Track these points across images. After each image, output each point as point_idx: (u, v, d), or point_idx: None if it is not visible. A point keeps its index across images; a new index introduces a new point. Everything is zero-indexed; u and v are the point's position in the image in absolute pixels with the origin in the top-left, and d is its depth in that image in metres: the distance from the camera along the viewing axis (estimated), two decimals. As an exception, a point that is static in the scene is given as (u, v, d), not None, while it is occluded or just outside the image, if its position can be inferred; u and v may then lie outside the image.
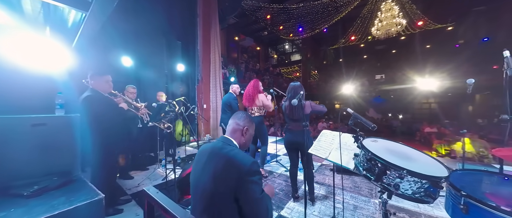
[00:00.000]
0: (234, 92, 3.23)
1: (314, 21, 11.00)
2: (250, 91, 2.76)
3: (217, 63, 5.85)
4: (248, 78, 8.83)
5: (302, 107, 1.93)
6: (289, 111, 2.05)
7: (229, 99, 3.13)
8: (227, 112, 3.14)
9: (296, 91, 2.01)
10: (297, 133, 2.01)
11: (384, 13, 8.06)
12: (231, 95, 3.16)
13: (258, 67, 12.18)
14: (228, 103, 3.11)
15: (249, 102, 2.75)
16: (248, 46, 13.00)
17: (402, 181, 0.82)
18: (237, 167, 0.84)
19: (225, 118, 3.16)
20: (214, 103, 5.88)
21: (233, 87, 3.25)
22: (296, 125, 2.02)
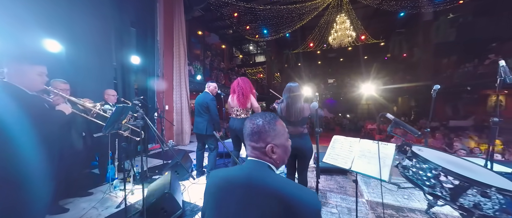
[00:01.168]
0: (211, 92, 2.80)
1: (279, 25, 11.39)
2: (244, 91, 2.41)
3: (182, 58, 5.12)
4: (215, 77, 8.23)
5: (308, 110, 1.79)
6: (287, 113, 1.86)
7: (205, 100, 2.68)
8: (203, 115, 2.69)
9: (294, 92, 1.83)
10: (296, 138, 1.83)
11: (339, 25, 9.09)
12: (207, 95, 2.73)
13: (222, 66, 11.61)
14: (205, 104, 2.67)
15: (242, 104, 2.41)
16: (212, 43, 12.27)
17: (487, 200, 0.72)
18: (300, 214, 0.55)
19: (201, 121, 2.70)
20: (178, 104, 5.11)
21: (210, 86, 2.81)
22: (295, 129, 1.85)
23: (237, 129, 2.42)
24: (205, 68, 7.58)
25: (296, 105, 1.81)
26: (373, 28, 12.57)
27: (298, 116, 1.80)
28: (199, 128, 2.68)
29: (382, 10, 10.21)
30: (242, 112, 2.44)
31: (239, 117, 2.45)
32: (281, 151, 0.70)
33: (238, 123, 2.42)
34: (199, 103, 2.71)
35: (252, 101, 2.41)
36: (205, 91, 2.80)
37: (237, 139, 2.55)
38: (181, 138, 5.10)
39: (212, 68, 8.61)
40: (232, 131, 2.51)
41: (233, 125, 2.47)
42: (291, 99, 1.83)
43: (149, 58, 4.56)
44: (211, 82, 2.85)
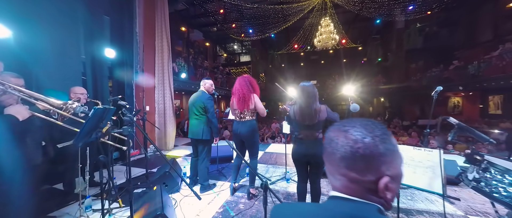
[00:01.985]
0: (208, 90, 2.49)
1: (264, 25, 11.31)
2: (244, 90, 2.15)
3: (165, 53, 4.62)
4: (200, 75, 7.74)
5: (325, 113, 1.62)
6: (301, 116, 1.68)
7: (202, 99, 2.37)
8: (199, 117, 2.38)
9: (309, 92, 1.65)
10: (310, 144, 1.67)
11: (324, 28, 9.35)
12: (204, 95, 2.42)
13: (206, 64, 11.08)
14: (201, 105, 2.35)
15: (242, 104, 2.15)
16: (195, 40, 11.63)
17: None
18: None
19: (196, 124, 2.37)
20: (160, 105, 4.60)
21: (206, 84, 2.50)
22: (309, 134, 1.67)
23: (243, 133, 2.16)
24: (189, 66, 7.06)
25: (312, 107, 1.63)
26: (352, 33, 13.29)
27: (314, 118, 1.63)
28: (194, 132, 2.35)
29: (361, 16, 10.85)
30: (247, 113, 2.18)
31: (243, 119, 2.19)
32: (397, 186, 0.42)
33: (243, 127, 2.17)
34: (194, 104, 2.38)
35: (256, 102, 2.17)
36: (201, 90, 2.47)
37: (241, 144, 2.28)
38: (164, 142, 4.59)
39: (196, 66, 8.10)
40: (236, 136, 2.24)
41: (237, 129, 2.20)
42: (306, 101, 1.65)
43: (126, 52, 3.99)
44: (206, 79, 2.53)
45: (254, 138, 2.20)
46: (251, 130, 2.15)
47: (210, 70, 9.72)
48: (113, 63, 3.84)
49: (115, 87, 3.91)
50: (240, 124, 2.18)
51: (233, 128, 2.25)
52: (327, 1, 9.32)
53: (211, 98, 2.39)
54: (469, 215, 1.87)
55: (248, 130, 2.14)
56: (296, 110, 1.70)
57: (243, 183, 2.66)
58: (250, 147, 2.22)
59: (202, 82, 2.50)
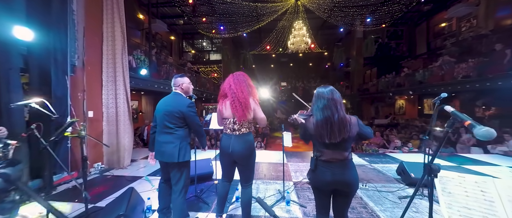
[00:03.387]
0: (186, 92, 1.80)
1: (237, 23, 10.77)
2: (243, 92, 1.57)
3: (119, 42, 3.56)
4: (165, 72, 6.58)
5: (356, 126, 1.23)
6: (319, 132, 1.23)
7: (180, 106, 1.64)
8: (176, 131, 1.65)
9: (330, 102, 1.23)
10: (338, 167, 1.25)
11: (297, 31, 9.47)
12: (182, 99, 1.70)
13: (171, 60, 9.74)
14: (178, 113, 1.64)
15: (241, 112, 1.56)
16: (157, 33, 10.14)
17: None
18: None
19: (169, 141, 1.63)
20: (111, 109, 3.52)
21: (184, 83, 1.78)
22: (336, 155, 1.25)
23: (237, 151, 1.57)
24: (151, 62, 5.89)
25: (335, 119, 1.21)
26: (319, 38, 14.11)
27: (339, 134, 1.21)
28: (165, 152, 1.62)
29: (328, 24, 11.57)
30: (245, 125, 1.62)
31: (236, 132, 1.61)
32: None
33: (238, 143, 1.58)
34: (167, 113, 1.64)
35: (256, 110, 1.63)
36: (174, 93, 1.75)
37: (232, 165, 1.69)
38: (117, 158, 3.52)
39: (160, 62, 6.90)
40: (225, 155, 1.64)
41: (228, 146, 1.59)
42: (326, 111, 1.22)
43: (56, 35, 2.82)
44: (181, 77, 1.80)
45: (251, 158, 1.64)
46: (248, 147, 1.60)
47: (177, 67, 8.53)
48: (32, 49, 2.64)
49: (35, 85, 2.70)
50: (233, 138, 1.59)
51: (222, 143, 1.65)
52: (299, 5, 9.46)
53: (193, 105, 1.71)
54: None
55: (244, 147, 1.58)
56: (319, 123, 1.24)
57: (232, 211, 2.08)
58: (245, 170, 1.65)
59: (177, 82, 1.76)
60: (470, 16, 8.35)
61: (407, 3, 8.63)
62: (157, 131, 1.70)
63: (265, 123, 1.68)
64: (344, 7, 9.46)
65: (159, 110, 1.69)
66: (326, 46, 15.34)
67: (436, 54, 9.51)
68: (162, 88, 5.95)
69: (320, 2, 9.08)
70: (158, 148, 1.66)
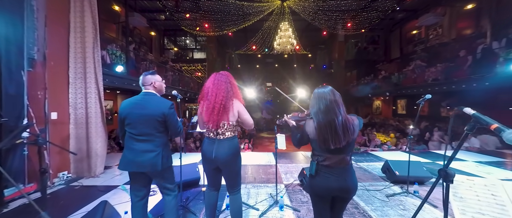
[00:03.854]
0: (159, 91, 1.57)
1: (223, 21, 10.52)
2: (222, 93, 1.44)
3: (90, 34, 3.15)
4: (144, 70, 6.08)
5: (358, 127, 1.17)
6: (323, 137, 1.15)
7: (160, 107, 1.43)
8: (157, 136, 1.43)
9: (332, 103, 1.16)
10: (341, 173, 1.18)
11: (283, 32, 9.56)
12: (159, 101, 1.48)
13: (151, 57, 9.12)
14: (162, 117, 1.42)
15: (219, 115, 1.42)
16: (136, 27, 9.43)
17: None
18: None
19: (148, 149, 1.40)
20: (80, 110, 3.10)
21: (156, 81, 1.55)
22: (339, 160, 1.18)
23: (221, 157, 1.44)
24: (128, 58, 5.40)
25: (338, 122, 1.13)
26: (304, 40, 14.48)
27: (347, 136, 1.15)
28: (144, 163, 1.39)
29: (312, 26, 11.90)
30: (228, 128, 1.47)
31: (220, 136, 1.46)
32: None
33: (221, 148, 1.45)
34: (145, 117, 1.40)
35: (241, 113, 1.49)
36: (147, 93, 1.50)
37: (216, 173, 1.54)
38: (87, 165, 3.11)
39: (138, 58, 6.38)
40: (208, 161, 1.49)
41: (210, 152, 1.45)
42: (328, 115, 1.14)
43: (8, 23, 2.37)
44: (151, 75, 1.54)
45: (236, 164, 1.51)
46: (232, 153, 1.46)
47: (158, 65, 8.00)
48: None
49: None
50: (216, 144, 1.46)
51: (204, 149, 1.50)
52: (285, 7, 9.56)
53: (173, 107, 1.49)
54: None
55: (228, 153, 1.45)
56: (322, 126, 1.16)
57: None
58: (231, 177, 1.52)
59: (147, 80, 1.51)
60: (437, 25, 9.23)
61: (384, 10, 9.26)
62: (130, 138, 1.43)
63: (252, 126, 1.55)
64: (328, 11, 9.81)
65: (130, 114, 1.41)
66: (310, 48, 15.79)
67: (408, 58, 10.38)
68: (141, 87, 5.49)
69: (305, 4, 9.28)
70: (133, 157, 1.39)
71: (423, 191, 2.45)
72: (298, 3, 9.22)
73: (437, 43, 9.01)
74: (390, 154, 4.76)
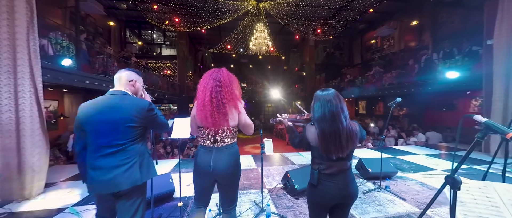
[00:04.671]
0: (135, 93, 1.29)
1: (196, 16, 9.94)
2: (224, 93, 1.24)
3: (21, 16, 2.46)
4: (101, 66, 5.19)
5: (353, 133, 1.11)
6: (326, 145, 1.07)
7: (135, 110, 1.14)
8: (131, 145, 1.14)
9: (337, 107, 1.09)
10: (342, 180, 1.12)
11: (259, 33, 9.57)
12: (134, 101, 1.18)
13: (110, 51, 7.93)
14: (139, 121, 1.15)
15: (221, 118, 1.23)
16: (89, 14, 8.08)
17: None
18: None
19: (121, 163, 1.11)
20: (7, 114, 2.40)
21: (137, 81, 1.28)
22: (342, 166, 1.12)
23: (221, 169, 1.24)
24: (79, 50, 4.52)
25: (343, 129, 1.06)
26: (277, 43, 14.85)
27: (350, 145, 1.09)
28: (118, 180, 1.09)
29: (285, 29, 12.31)
30: (228, 134, 1.28)
31: (218, 144, 1.26)
32: None
33: (222, 157, 1.25)
34: (115, 122, 1.11)
35: (242, 116, 1.32)
36: (118, 92, 1.20)
37: (211, 187, 1.33)
38: (19, 185, 2.41)
39: (93, 51, 5.42)
40: (205, 175, 1.27)
41: (206, 162, 1.24)
42: (340, 120, 1.07)
43: None
44: (132, 72, 1.28)
45: (237, 175, 1.33)
46: (234, 163, 1.28)
47: (119, 60, 6.98)
48: None
49: None
50: (215, 153, 1.26)
51: (200, 160, 1.27)
52: (261, 8, 9.60)
53: (153, 106, 1.23)
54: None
55: (229, 163, 1.26)
56: (326, 134, 1.06)
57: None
58: (229, 190, 1.32)
59: (128, 76, 1.24)
60: (389, 36, 10.65)
61: (348, 20, 10.22)
62: (93, 152, 1.11)
63: (252, 131, 1.39)
64: (301, 16, 10.26)
65: (94, 121, 1.10)
66: (283, 51, 16.31)
67: (368, 64, 11.74)
68: (96, 85, 4.64)
69: (280, 8, 9.50)
70: (102, 176, 1.08)
71: (392, 185, 2.69)
72: (273, 6, 9.37)
73: (390, 52, 10.40)
74: (358, 151, 5.18)
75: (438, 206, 2.15)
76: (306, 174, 2.57)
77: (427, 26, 8.03)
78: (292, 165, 3.68)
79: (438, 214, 2.02)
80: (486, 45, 4.25)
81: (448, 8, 7.19)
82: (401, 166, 3.58)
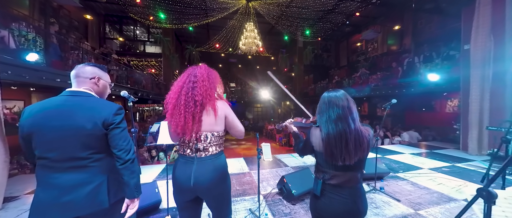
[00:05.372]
0: (101, 94, 1.07)
1: (183, 14, 9.54)
2: (202, 91, 1.07)
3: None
4: (75, 62, 4.69)
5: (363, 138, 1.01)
6: (338, 149, 0.96)
7: (100, 113, 0.92)
8: (97, 160, 0.92)
9: (345, 110, 0.98)
10: (350, 194, 1.00)
11: (249, 32, 9.44)
12: (99, 103, 0.97)
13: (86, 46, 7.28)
14: (98, 126, 0.91)
15: (199, 120, 1.06)
16: (62, 6, 7.35)
17: None
18: None
19: (83, 181, 0.89)
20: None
21: (101, 78, 1.05)
22: (350, 177, 1.00)
23: (201, 183, 1.04)
24: (48, 43, 4.03)
25: (356, 133, 0.96)
26: (267, 43, 14.84)
27: (359, 152, 0.97)
28: (78, 202, 0.87)
29: (275, 30, 12.33)
30: (212, 141, 1.10)
31: (202, 154, 1.07)
32: None
33: (205, 171, 1.06)
34: (66, 130, 0.88)
35: (228, 115, 1.14)
36: (76, 92, 0.97)
37: (195, 206, 1.15)
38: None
39: (66, 46, 4.89)
40: (184, 191, 1.07)
41: (185, 176, 1.05)
42: (348, 123, 0.96)
43: None
44: (94, 68, 1.05)
45: (226, 189, 1.14)
46: (219, 177, 1.09)
47: (97, 56, 6.41)
48: None
49: None
50: (196, 164, 1.06)
51: (177, 173, 1.07)
52: (251, 7, 9.49)
53: (121, 111, 1.00)
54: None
55: (213, 176, 1.07)
56: (331, 138, 0.96)
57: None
58: (220, 207, 1.14)
59: (85, 71, 1.01)
60: (373, 40, 11.13)
61: (336, 23, 10.50)
62: (45, 168, 0.88)
63: (243, 135, 1.22)
64: (290, 17, 10.32)
65: (43, 128, 0.87)
66: (272, 51, 16.37)
67: (354, 66, 12.19)
68: (69, 84, 4.18)
69: (270, 8, 9.45)
70: (56, 198, 0.86)
71: (385, 186, 2.71)
72: (263, 6, 9.31)
73: (374, 55, 10.87)
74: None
75: (431, 206, 2.19)
76: (303, 178, 2.49)
77: (408, 31, 8.49)
78: (285, 167, 3.60)
79: (432, 214, 2.04)
80: (463, 50, 4.54)
81: (427, 14, 7.67)
82: (391, 165, 3.67)
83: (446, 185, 2.72)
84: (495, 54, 3.93)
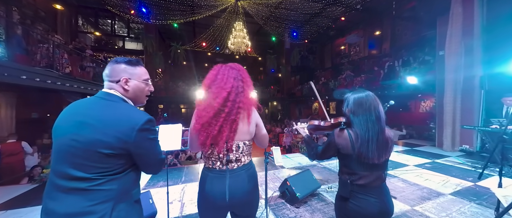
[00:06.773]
0: (135, 99, 0.86)
1: (167, 9, 9.06)
2: (240, 96, 0.97)
3: None
4: (42, 56, 4.10)
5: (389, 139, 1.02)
6: (370, 148, 0.94)
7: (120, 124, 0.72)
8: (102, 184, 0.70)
9: (379, 110, 0.99)
10: (379, 193, 1.00)
11: (238, 31, 9.30)
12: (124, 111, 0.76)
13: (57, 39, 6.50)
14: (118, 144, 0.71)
15: (235, 128, 0.95)
16: (25, -7, 6.47)
17: None
18: None
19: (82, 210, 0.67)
20: None
21: (131, 77, 0.82)
22: (377, 177, 1.00)
23: (238, 197, 0.96)
24: (12, 35, 3.48)
25: (383, 132, 0.99)
26: (255, 43, 14.82)
27: (386, 153, 1.00)
28: None
29: (262, 31, 12.36)
30: (245, 150, 1.01)
31: (234, 165, 0.98)
32: None
33: (239, 184, 0.97)
34: (78, 140, 0.69)
35: (259, 124, 1.07)
36: (104, 95, 0.78)
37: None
38: None
39: (32, 39, 4.28)
40: (219, 208, 0.97)
41: (220, 191, 0.95)
42: (381, 125, 0.98)
43: None
44: (126, 65, 0.82)
45: (257, 203, 1.09)
46: (253, 189, 1.03)
47: (69, 52, 5.73)
48: None
49: None
50: (229, 176, 0.96)
51: (211, 188, 0.96)
52: (239, 6, 9.37)
53: (151, 124, 0.77)
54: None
55: (250, 188, 1.00)
56: (363, 139, 0.95)
57: None
58: (251, 216, 1.08)
59: (114, 71, 0.80)
60: (356, 44, 11.76)
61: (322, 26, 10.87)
62: (50, 184, 0.72)
63: (267, 141, 1.16)
64: (278, 18, 10.42)
65: (58, 133, 0.73)
66: (260, 52, 16.40)
67: (338, 69, 12.74)
68: (38, 82, 3.65)
69: (259, 8, 9.43)
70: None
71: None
72: (252, 6, 9.25)
73: (357, 58, 11.49)
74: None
75: (424, 201, 2.33)
76: (305, 180, 2.48)
77: (387, 37, 9.13)
78: (282, 168, 3.58)
79: (427, 209, 2.17)
80: (438, 56, 4.99)
81: (404, 22, 8.31)
82: (380, 163, 3.86)
83: (432, 180, 2.93)
84: (465, 60, 4.38)
